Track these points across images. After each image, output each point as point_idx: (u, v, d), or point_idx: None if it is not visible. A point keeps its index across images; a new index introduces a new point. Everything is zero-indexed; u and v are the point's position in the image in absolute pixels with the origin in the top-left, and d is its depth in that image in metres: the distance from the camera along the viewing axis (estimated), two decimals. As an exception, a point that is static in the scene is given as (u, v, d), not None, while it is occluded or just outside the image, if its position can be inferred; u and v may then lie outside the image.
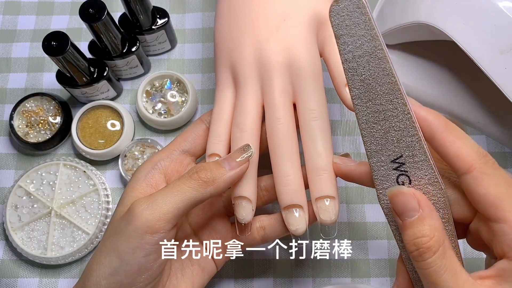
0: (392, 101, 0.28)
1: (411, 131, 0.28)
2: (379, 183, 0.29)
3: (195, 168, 0.32)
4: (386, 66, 0.27)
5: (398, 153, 0.28)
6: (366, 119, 0.29)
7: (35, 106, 0.47)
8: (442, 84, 0.46)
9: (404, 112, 0.28)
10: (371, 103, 0.28)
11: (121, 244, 0.30)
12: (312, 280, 0.42)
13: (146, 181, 0.34)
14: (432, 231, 0.26)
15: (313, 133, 0.33)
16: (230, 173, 0.32)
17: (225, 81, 0.36)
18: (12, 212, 0.43)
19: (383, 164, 0.29)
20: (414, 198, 0.27)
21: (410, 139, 0.28)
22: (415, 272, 0.29)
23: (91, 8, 0.40)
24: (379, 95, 0.28)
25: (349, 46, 0.28)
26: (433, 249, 0.25)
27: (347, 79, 0.28)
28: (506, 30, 0.35)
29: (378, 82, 0.28)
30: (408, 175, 0.28)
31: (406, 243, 0.26)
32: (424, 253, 0.26)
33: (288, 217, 0.33)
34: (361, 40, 0.27)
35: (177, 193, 0.31)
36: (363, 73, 0.28)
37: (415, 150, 0.28)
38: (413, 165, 0.28)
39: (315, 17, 0.35)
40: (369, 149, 0.29)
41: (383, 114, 0.28)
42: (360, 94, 0.28)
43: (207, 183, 0.31)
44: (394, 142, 0.28)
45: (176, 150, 0.36)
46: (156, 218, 0.30)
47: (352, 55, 0.28)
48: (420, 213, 0.26)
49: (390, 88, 0.28)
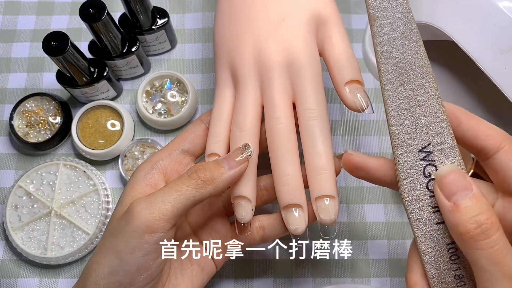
0: (424, 85, 0.28)
1: (441, 116, 0.28)
2: (405, 177, 0.28)
3: (194, 168, 0.32)
4: (421, 49, 0.28)
5: (426, 140, 0.28)
6: (396, 105, 0.28)
7: (35, 106, 0.47)
8: (442, 84, 0.46)
9: (435, 96, 0.28)
10: (403, 88, 0.28)
11: (120, 244, 0.30)
12: (312, 280, 0.42)
13: (145, 180, 0.34)
14: (490, 207, 0.25)
15: (313, 133, 0.33)
16: (229, 173, 0.32)
17: (225, 81, 0.36)
18: (12, 212, 0.43)
19: (411, 155, 0.28)
20: (467, 176, 0.26)
21: (440, 124, 0.28)
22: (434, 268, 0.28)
23: (91, 8, 0.40)
24: (412, 79, 0.28)
25: (384, 28, 0.28)
26: (496, 224, 0.24)
27: (379, 64, 0.28)
28: (506, 30, 0.35)
29: (411, 66, 0.28)
30: (435, 165, 0.28)
31: (461, 224, 0.24)
32: (488, 230, 0.24)
33: (288, 216, 0.33)
34: (398, 22, 0.28)
35: (176, 192, 0.30)
36: (397, 56, 0.28)
37: (444, 136, 0.28)
38: (441, 152, 0.28)
39: (315, 17, 0.35)
40: (396, 139, 0.28)
41: (414, 100, 0.28)
42: (392, 79, 0.28)
43: (206, 182, 0.31)
44: (424, 129, 0.28)
45: (175, 150, 0.36)
46: (155, 218, 0.30)
47: (387, 38, 0.28)
48: (474, 190, 0.25)
49: (423, 71, 0.28)
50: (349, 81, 0.34)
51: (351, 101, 0.33)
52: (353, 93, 0.34)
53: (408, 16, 0.28)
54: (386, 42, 0.28)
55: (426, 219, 0.28)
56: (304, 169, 0.34)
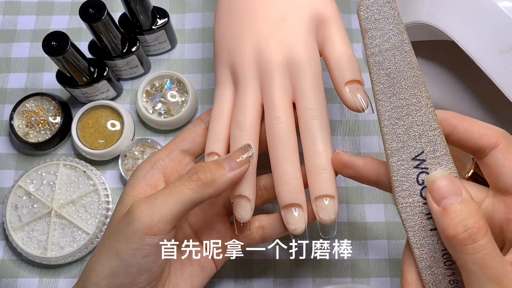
0: (416, 95, 0.28)
1: (434, 124, 0.28)
2: (399, 184, 0.29)
3: (194, 169, 0.32)
4: (412, 60, 0.28)
5: (419, 149, 0.28)
6: (389, 115, 0.29)
7: (35, 106, 0.47)
8: (442, 84, 0.46)
9: (427, 105, 0.28)
10: (395, 98, 0.28)
11: (120, 245, 0.30)
12: (312, 280, 0.42)
13: (145, 180, 0.34)
14: (478, 212, 0.25)
15: (313, 132, 0.33)
16: (230, 174, 0.32)
17: (225, 81, 0.36)
18: (12, 212, 0.43)
19: (404, 163, 0.29)
20: (457, 181, 0.26)
21: (432, 133, 0.28)
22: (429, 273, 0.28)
23: (91, 8, 0.40)
24: (404, 89, 0.28)
25: (376, 40, 0.28)
26: (483, 229, 0.24)
27: (372, 74, 0.29)
28: (506, 30, 0.35)
29: (403, 76, 0.28)
30: (428, 172, 0.28)
31: (450, 228, 0.24)
32: (475, 234, 0.24)
33: (287, 216, 0.33)
34: (389, 34, 0.28)
35: (176, 194, 0.30)
36: (388, 67, 0.28)
37: (437, 145, 0.28)
38: (434, 160, 0.28)
39: (315, 17, 0.35)
40: (390, 147, 0.29)
41: (406, 109, 0.28)
42: (385, 89, 0.28)
43: (206, 184, 0.31)
44: (416, 137, 0.28)
45: (175, 150, 0.36)
46: (156, 220, 0.30)
47: (379, 49, 0.28)
48: (464, 195, 0.25)
49: (414, 81, 0.28)
50: (349, 81, 0.34)
51: (351, 101, 0.33)
52: (353, 93, 0.34)
53: (399, 27, 0.28)
54: (378, 53, 0.28)
55: (420, 226, 0.28)
56: (304, 169, 0.34)
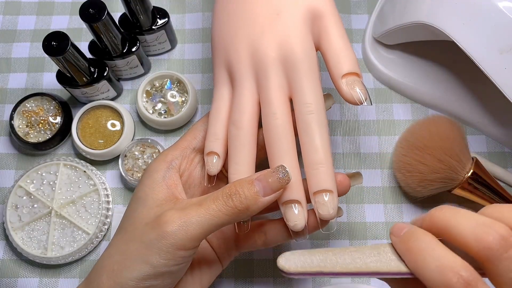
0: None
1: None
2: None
3: (229, 191, 0.31)
4: None
5: None
6: None
7: (35, 106, 0.47)
8: (442, 84, 0.46)
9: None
10: None
11: (153, 256, 0.30)
12: (312, 280, 0.42)
13: (165, 182, 0.34)
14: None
15: (310, 127, 0.33)
16: (263, 201, 0.31)
17: (222, 80, 0.36)
18: (12, 212, 0.43)
19: None
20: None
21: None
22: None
23: (91, 8, 0.40)
24: None
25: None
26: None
27: None
28: (506, 30, 0.35)
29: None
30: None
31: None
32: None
33: (287, 212, 0.33)
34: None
35: (211, 217, 0.31)
36: None
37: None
38: None
39: (310, 11, 0.35)
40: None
41: None
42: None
43: (241, 211, 0.31)
44: None
45: (187, 148, 0.36)
46: (189, 238, 0.30)
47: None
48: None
49: None
50: (346, 74, 0.34)
51: (348, 93, 0.33)
52: (350, 86, 0.33)
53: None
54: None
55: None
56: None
